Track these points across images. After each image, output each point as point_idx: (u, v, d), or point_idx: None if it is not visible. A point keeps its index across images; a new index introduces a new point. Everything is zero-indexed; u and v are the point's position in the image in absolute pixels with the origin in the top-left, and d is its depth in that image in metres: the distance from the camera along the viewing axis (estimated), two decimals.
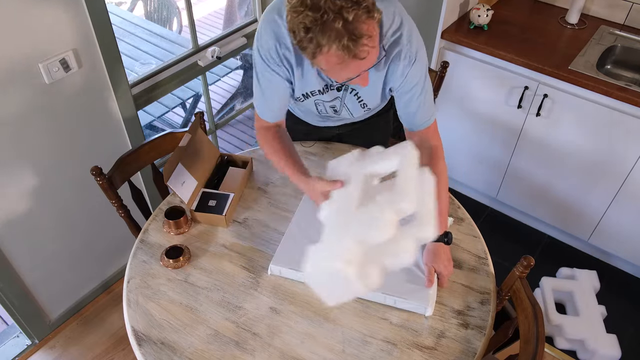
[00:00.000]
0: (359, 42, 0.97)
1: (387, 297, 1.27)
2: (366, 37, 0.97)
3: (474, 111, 2.41)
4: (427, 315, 1.27)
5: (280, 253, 1.36)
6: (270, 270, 1.35)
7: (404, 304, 1.27)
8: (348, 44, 0.96)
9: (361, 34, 0.96)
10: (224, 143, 3.34)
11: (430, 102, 1.32)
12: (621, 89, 1.95)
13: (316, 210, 1.46)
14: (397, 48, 1.21)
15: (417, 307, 1.27)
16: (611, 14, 2.35)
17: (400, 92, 1.29)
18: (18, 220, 1.81)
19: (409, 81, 1.26)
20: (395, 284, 1.29)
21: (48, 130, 1.76)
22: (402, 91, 1.28)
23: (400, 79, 1.26)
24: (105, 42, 1.76)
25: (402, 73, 1.24)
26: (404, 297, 1.26)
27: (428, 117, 1.32)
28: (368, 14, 0.96)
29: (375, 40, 1.02)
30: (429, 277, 1.28)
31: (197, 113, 1.69)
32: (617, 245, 2.33)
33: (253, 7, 2.51)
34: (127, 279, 1.36)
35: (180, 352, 1.20)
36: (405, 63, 1.22)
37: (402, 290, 1.28)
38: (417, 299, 1.26)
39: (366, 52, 0.99)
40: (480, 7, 2.25)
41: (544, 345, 1.16)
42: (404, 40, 1.20)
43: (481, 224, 2.65)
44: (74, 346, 2.13)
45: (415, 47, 1.22)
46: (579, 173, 2.25)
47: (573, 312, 2.15)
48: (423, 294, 1.27)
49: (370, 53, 1.01)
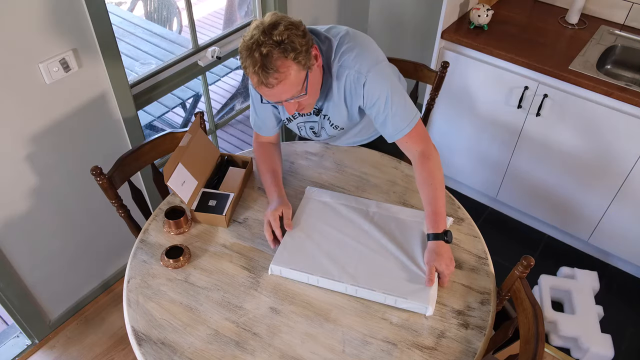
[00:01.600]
0: (268, 73, 1.18)
1: (387, 296, 1.27)
2: (275, 72, 1.18)
3: (474, 111, 2.41)
4: (427, 315, 1.27)
5: (280, 253, 1.37)
6: (271, 270, 1.35)
7: (405, 304, 1.27)
8: (259, 71, 1.18)
9: (271, 67, 1.17)
10: (224, 143, 3.34)
11: (401, 113, 1.38)
12: (621, 89, 1.95)
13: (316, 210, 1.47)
14: (346, 72, 1.35)
15: (417, 307, 1.27)
16: (611, 14, 2.35)
17: (368, 108, 1.41)
18: (18, 220, 1.81)
19: (369, 98, 1.37)
20: (396, 283, 1.29)
21: (48, 131, 1.76)
22: (368, 107, 1.40)
23: (360, 98, 1.38)
24: (105, 42, 1.76)
25: (358, 93, 1.37)
26: (405, 297, 1.26)
27: (402, 127, 1.39)
28: (282, 53, 1.17)
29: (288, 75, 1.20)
30: (429, 276, 1.28)
31: (197, 113, 1.69)
32: (617, 245, 2.33)
33: (253, 7, 2.51)
34: (127, 278, 1.36)
35: (180, 352, 1.20)
36: (358, 83, 1.35)
37: (402, 290, 1.28)
38: (417, 299, 1.26)
39: (273, 84, 1.20)
40: (480, 7, 2.25)
41: (544, 345, 1.17)
42: (351, 64, 1.34)
43: (481, 224, 2.65)
44: (74, 346, 2.13)
45: (366, 66, 1.34)
46: (579, 173, 2.25)
47: (570, 311, 2.16)
48: (424, 294, 1.27)
49: (280, 86, 1.21)
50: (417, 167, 1.41)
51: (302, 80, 1.25)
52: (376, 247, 1.38)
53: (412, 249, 1.38)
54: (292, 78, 1.22)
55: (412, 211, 1.48)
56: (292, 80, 1.22)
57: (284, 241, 1.40)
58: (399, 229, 1.43)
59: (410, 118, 1.38)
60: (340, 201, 1.51)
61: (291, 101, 1.28)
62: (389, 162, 1.71)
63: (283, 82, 1.21)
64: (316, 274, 1.31)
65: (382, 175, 1.66)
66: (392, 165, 1.70)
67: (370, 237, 1.41)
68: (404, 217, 1.47)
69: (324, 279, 1.31)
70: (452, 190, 2.83)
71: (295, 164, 1.70)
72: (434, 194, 1.36)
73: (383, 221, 1.45)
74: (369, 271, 1.32)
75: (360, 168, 1.68)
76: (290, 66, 1.20)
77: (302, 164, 1.70)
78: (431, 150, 1.40)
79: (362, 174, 1.66)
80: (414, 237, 1.41)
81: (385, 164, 1.70)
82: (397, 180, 1.64)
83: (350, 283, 1.29)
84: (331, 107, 1.47)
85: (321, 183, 1.62)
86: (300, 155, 1.73)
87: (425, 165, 1.39)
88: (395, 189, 1.61)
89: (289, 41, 1.18)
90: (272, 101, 1.29)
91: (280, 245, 1.38)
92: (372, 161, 1.71)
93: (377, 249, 1.38)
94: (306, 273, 1.32)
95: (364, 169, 1.68)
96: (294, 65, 1.20)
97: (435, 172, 1.38)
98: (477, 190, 2.73)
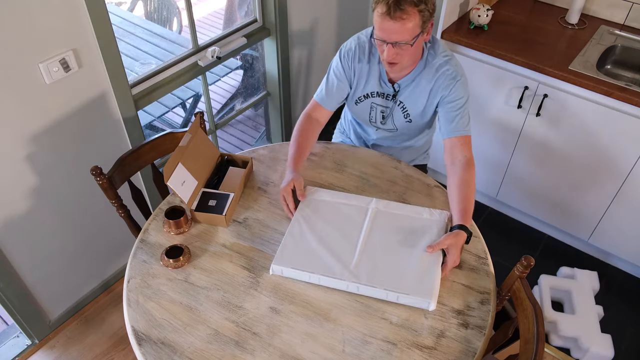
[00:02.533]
0: (398, 8, 1.34)
1: (389, 293, 1.27)
2: (403, 11, 1.34)
3: (474, 111, 2.41)
4: (430, 309, 1.27)
5: (281, 253, 1.37)
6: (272, 270, 1.35)
7: (407, 300, 1.27)
8: (392, 3, 1.35)
9: (402, 6, 1.34)
10: (224, 143, 3.34)
11: (467, 117, 1.57)
12: (621, 89, 1.95)
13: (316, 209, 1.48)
14: (446, 66, 1.54)
15: (420, 303, 1.27)
16: (611, 14, 2.35)
17: (444, 103, 1.56)
18: (18, 220, 1.81)
19: (453, 94, 1.54)
20: (397, 280, 1.29)
21: (48, 130, 1.76)
22: (447, 100, 1.55)
23: (446, 90, 1.55)
24: (105, 42, 1.76)
25: (448, 85, 1.54)
26: (407, 293, 1.27)
27: (463, 127, 1.56)
28: (414, 3, 1.35)
29: (410, 21, 1.36)
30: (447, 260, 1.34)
31: (197, 113, 1.69)
32: (617, 245, 2.33)
33: (253, 7, 2.51)
34: (127, 278, 1.36)
35: (180, 351, 1.20)
36: (451, 78, 1.53)
37: (404, 286, 1.28)
38: (420, 294, 1.26)
39: (396, 17, 1.35)
40: (480, 7, 2.25)
41: (544, 345, 1.16)
42: (453, 62, 1.55)
43: (481, 224, 2.65)
44: (74, 346, 2.13)
45: (460, 71, 1.56)
46: (579, 173, 2.25)
47: (570, 311, 2.15)
48: (426, 289, 1.27)
49: (399, 24, 1.36)
50: (461, 170, 1.51)
51: (415, 35, 1.40)
52: (377, 244, 1.39)
53: (413, 245, 1.38)
54: (412, 25, 1.37)
55: (412, 207, 1.49)
56: (410, 26, 1.37)
57: (285, 241, 1.40)
58: (399, 225, 1.44)
59: (469, 127, 1.58)
60: (340, 199, 1.51)
61: (395, 47, 1.42)
62: (389, 162, 1.71)
63: (404, 21, 1.36)
64: (317, 272, 1.31)
65: (382, 175, 1.66)
66: (392, 165, 1.70)
67: (370, 235, 1.41)
68: (404, 213, 1.47)
69: (325, 278, 1.31)
70: None
71: None
72: (469, 196, 1.46)
73: (383, 218, 1.46)
74: (370, 268, 1.32)
75: (360, 168, 1.68)
76: (415, 15, 1.36)
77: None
78: (474, 163, 1.55)
79: (362, 174, 1.66)
80: (415, 233, 1.41)
81: (385, 164, 1.70)
82: (397, 180, 1.64)
83: (352, 281, 1.29)
84: (411, 94, 1.61)
85: (321, 183, 1.62)
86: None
87: (469, 171, 1.51)
88: (395, 188, 1.61)
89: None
90: (383, 38, 1.41)
91: (281, 245, 1.39)
92: (372, 161, 1.71)
93: (377, 246, 1.38)
94: (307, 272, 1.32)
95: (364, 169, 1.68)
96: (418, 16, 1.37)
97: (474, 180, 1.51)
98: (477, 190, 2.73)
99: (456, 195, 1.46)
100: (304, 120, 1.68)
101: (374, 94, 1.65)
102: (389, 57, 1.45)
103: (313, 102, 1.70)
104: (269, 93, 2.90)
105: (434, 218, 1.45)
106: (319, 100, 1.69)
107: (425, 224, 1.44)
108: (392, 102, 1.65)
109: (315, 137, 1.69)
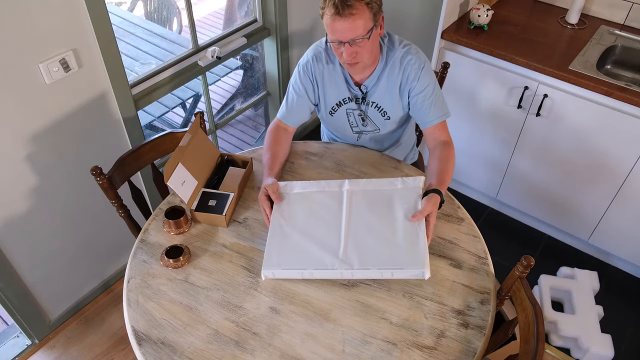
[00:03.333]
0: (345, 5, 1.35)
1: (383, 271, 1.28)
2: (351, 7, 1.35)
3: (474, 111, 2.41)
4: (426, 278, 1.28)
5: (268, 256, 1.35)
6: (264, 276, 1.34)
7: (401, 274, 1.28)
8: (337, 2, 1.36)
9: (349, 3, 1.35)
10: (224, 143, 3.34)
11: (441, 102, 1.59)
12: (621, 89, 1.95)
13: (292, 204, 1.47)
14: (408, 57, 1.55)
15: (415, 274, 1.28)
16: (611, 14, 2.35)
17: (414, 94, 1.57)
18: (18, 220, 1.82)
19: (421, 83, 1.55)
20: (387, 256, 1.30)
21: (48, 130, 1.76)
22: (417, 91, 1.56)
23: (414, 81, 1.55)
24: (105, 42, 1.76)
25: (415, 76, 1.55)
26: (400, 267, 1.27)
27: (440, 114, 1.58)
28: None
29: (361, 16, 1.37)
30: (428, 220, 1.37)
31: (197, 113, 1.69)
32: (617, 245, 2.33)
33: (253, 7, 2.51)
34: (127, 278, 1.36)
35: (180, 352, 1.20)
36: (417, 68, 1.54)
37: (395, 261, 1.29)
38: (413, 266, 1.27)
39: (347, 15, 1.36)
40: (480, 7, 2.25)
41: (544, 345, 1.16)
42: (413, 51, 1.56)
43: (481, 224, 2.65)
44: (74, 346, 2.13)
45: (423, 59, 1.57)
46: (579, 173, 2.25)
47: (570, 311, 2.15)
48: (417, 260, 1.28)
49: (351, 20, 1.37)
50: (439, 147, 1.57)
51: (369, 29, 1.41)
52: (359, 225, 1.38)
53: (394, 218, 1.38)
54: (363, 19, 1.38)
55: (385, 180, 1.48)
56: (362, 21, 1.38)
57: (268, 243, 1.38)
58: (376, 201, 1.44)
59: (445, 109, 1.60)
60: (312, 189, 1.50)
61: (352, 46, 1.42)
62: (388, 162, 1.71)
63: (355, 16, 1.37)
64: (309, 267, 1.31)
65: (382, 175, 1.66)
66: (392, 165, 1.70)
67: (351, 218, 1.41)
68: (378, 187, 1.47)
69: (317, 271, 1.30)
70: (452, 190, 2.83)
71: (295, 164, 1.70)
72: (446, 169, 1.50)
73: (359, 197, 1.45)
74: (359, 251, 1.32)
75: (360, 168, 1.68)
76: (364, 8, 1.38)
77: (302, 164, 1.70)
78: (453, 147, 1.60)
79: (362, 174, 1.66)
80: (393, 205, 1.41)
81: (385, 164, 1.70)
82: None
83: (345, 268, 1.29)
84: (381, 92, 1.61)
85: None
86: (300, 155, 1.73)
87: (447, 149, 1.56)
88: None
89: None
90: (338, 38, 1.42)
91: (266, 249, 1.37)
92: (372, 161, 1.71)
93: (360, 228, 1.38)
94: (299, 269, 1.31)
95: (363, 169, 1.68)
96: (367, 9, 1.38)
97: (452, 159, 1.55)
98: (477, 190, 2.73)
99: (435, 167, 1.51)
100: (272, 130, 1.69)
101: (346, 100, 1.65)
102: (348, 58, 1.44)
103: (276, 120, 1.71)
104: (269, 93, 2.90)
105: (408, 186, 1.45)
106: (281, 117, 1.70)
107: (401, 193, 1.44)
108: (364, 105, 1.65)
109: (288, 144, 1.70)
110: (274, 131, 1.68)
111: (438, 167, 1.50)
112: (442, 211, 1.54)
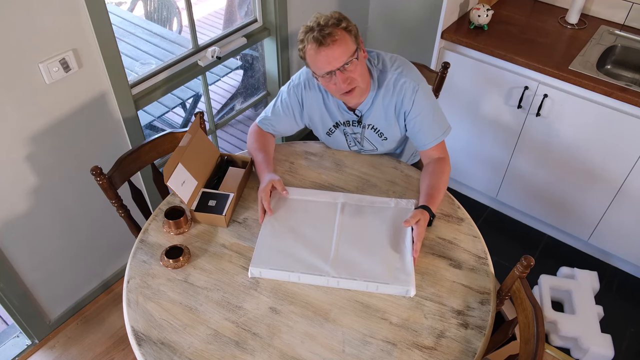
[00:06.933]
0: (325, 35, 1.36)
1: (369, 284, 1.30)
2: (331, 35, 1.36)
3: (474, 111, 2.41)
4: (411, 296, 1.29)
5: (258, 254, 1.37)
6: (251, 273, 1.35)
7: (387, 289, 1.30)
8: (317, 35, 1.37)
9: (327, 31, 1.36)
10: (224, 143, 3.34)
11: (438, 124, 1.57)
12: (621, 89, 1.95)
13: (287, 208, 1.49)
14: (402, 79, 1.52)
15: (399, 291, 1.29)
16: (611, 14, 2.35)
17: (411, 118, 1.56)
18: (18, 220, 1.81)
19: (416, 106, 1.53)
20: (375, 270, 1.32)
21: (48, 130, 1.76)
22: (413, 115, 1.55)
23: (409, 105, 1.53)
24: (105, 42, 1.76)
25: (410, 100, 1.53)
26: (386, 282, 1.29)
27: (435, 137, 1.56)
28: (335, 24, 1.38)
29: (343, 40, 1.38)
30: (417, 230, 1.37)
31: (197, 113, 1.69)
32: (617, 245, 2.33)
33: (253, 7, 2.51)
34: (127, 279, 1.36)
35: (180, 352, 1.20)
36: (411, 91, 1.52)
37: (382, 276, 1.31)
38: (399, 282, 1.29)
39: (329, 43, 1.36)
40: (480, 7, 2.25)
41: (544, 345, 1.16)
42: (405, 72, 1.54)
43: (481, 224, 2.65)
44: (74, 346, 2.13)
45: (417, 80, 1.53)
46: (579, 173, 2.24)
47: (570, 311, 2.15)
48: (403, 277, 1.30)
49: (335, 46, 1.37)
50: (433, 163, 1.56)
51: (354, 50, 1.41)
52: (350, 237, 1.41)
53: (385, 235, 1.41)
54: (346, 43, 1.39)
55: (379, 198, 1.53)
56: (345, 45, 1.38)
57: (259, 242, 1.40)
58: (368, 217, 1.47)
59: (444, 127, 1.58)
60: (308, 197, 1.53)
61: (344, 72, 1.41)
62: (388, 162, 1.71)
63: (338, 41, 1.37)
64: (296, 270, 1.32)
65: (381, 175, 1.66)
66: (392, 165, 1.70)
67: (343, 229, 1.43)
68: (372, 204, 1.50)
69: (305, 275, 1.32)
70: (452, 190, 2.83)
71: (295, 164, 1.70)
72: (438, 186, 1.50)
73: (353, 211, 1.48)
74: (347, 261, 1.34)
75: (360, 168, 1.68)
76: (343, 33, 1.39)
77: (302, 164, 1.70)
78: (449, 161, 1.58)
79: (362, 174, 1.66)
80: (385, 223, 1.45)
81: (385, 164, 1.70)
82: (397, 180, 1.64)
83: (332, 275, 1.31)
84: (377, 115, 1.59)
85: (321, 183, 1.62)
86: (300, 155, 1.73)
87: (441, 164, 1.55)
88: (395, 189, 1.61)
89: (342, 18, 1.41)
90: (328, 69, 1.39)
91: (256, 247, 1.39)
92: (372, 161, 1.71)
93: (351, 240, 1.40)
94: (286, 271, 1.32)
95: (363, 169, 1.68)
96: (345, 33, 1.39)
97: (446, 174, 1.54)
98: (477, 190, 2.73)
99: (425, 183, 1.51)
100: (255, 131, 1.69)
101: (341, 122, 1.64)
102: (344, 85, 1.42)
103: (254, 126, 1.70)
104: (269, 93, 2.90)
105: (401, 207, 1.50)
106: (260, 123, 1.69)
107: (394, 213, 1.48)
108: (360, 127, 1.64)
109: (272, 141, 1.69)
110: (258, 132, 1.68)
111: (429, 182, 1.51)
112: (442, 211, 1.54)
